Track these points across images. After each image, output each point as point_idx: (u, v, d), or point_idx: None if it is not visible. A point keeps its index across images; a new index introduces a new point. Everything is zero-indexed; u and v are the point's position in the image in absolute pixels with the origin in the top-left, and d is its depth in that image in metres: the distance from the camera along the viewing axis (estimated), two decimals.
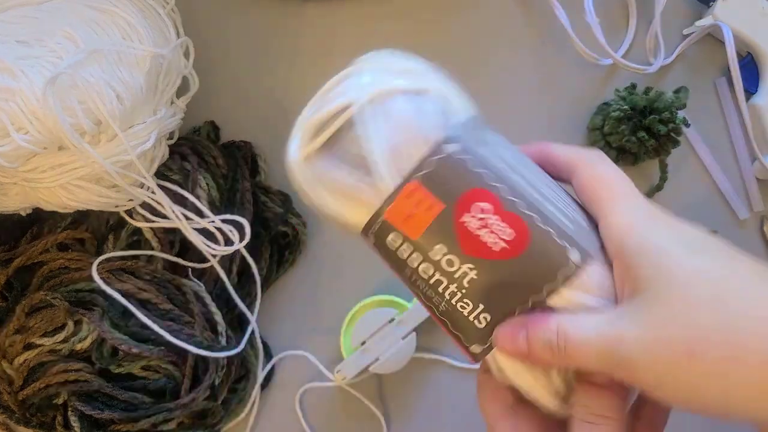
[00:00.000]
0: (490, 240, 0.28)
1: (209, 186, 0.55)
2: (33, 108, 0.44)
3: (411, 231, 0.29)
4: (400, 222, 0.29)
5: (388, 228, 0.30)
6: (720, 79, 0.61)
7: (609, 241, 0.29)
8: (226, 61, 0.61)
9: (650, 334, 0.26)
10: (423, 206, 0.29)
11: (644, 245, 0.27)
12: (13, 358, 0.52)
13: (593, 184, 0.30)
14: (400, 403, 0.59)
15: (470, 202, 0.29)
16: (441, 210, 0.29)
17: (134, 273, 0.54)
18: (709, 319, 0.25)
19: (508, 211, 0.28)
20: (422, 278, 0.30)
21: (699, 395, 0.26)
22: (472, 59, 0.61)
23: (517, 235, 0.28)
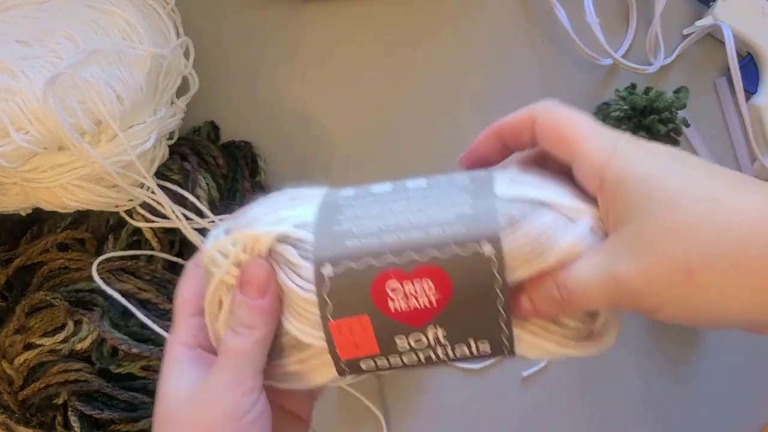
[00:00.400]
0: (423, 303, 0.29)
1: (209, 186, 0.55)
2: (33, 108, 0.44)
3: (370, 350, 0.30)
4: (356, 351, 0.30)
5: (354, 362, 0.30)
6: (720, 79, 0.61)
7: (587, 180, 0.28)
8: (226, 61, 0.61)
9: (645, 261, 0.26)
10: (357, 329, 0.29)
11: (622, 176, 0.27)
12: (13, 358, 0.52)
13: (556, 129, 0.29)
14: (400, 403, 0.59)
15: (382, 294, 0.29)
16: (369, 320, 0.29)
17: (134, 273, 0.54)
18: (701, 234, 0.25)
19: (410, 271, 0.28)
20: (413, 365, 0.31)
21: (703, 309, 0.26)
22: (472, 59, 0.61)
23: (435, 280, 0.28)
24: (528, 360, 0.31)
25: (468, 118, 0.61)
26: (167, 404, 0.30)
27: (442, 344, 0.29)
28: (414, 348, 0.30)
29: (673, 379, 0.60)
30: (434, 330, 0.29)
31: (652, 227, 0.26)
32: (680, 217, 0.26)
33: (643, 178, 0.27)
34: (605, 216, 0.28)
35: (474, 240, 0.28)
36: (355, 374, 0.32)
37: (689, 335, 0.60)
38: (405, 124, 0.61)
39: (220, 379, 0.30)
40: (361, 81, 0.61)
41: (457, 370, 0.59)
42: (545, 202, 0.29)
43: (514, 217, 0.28)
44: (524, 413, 0.60)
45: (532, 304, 0.28)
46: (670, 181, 0.27)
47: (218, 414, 0.29)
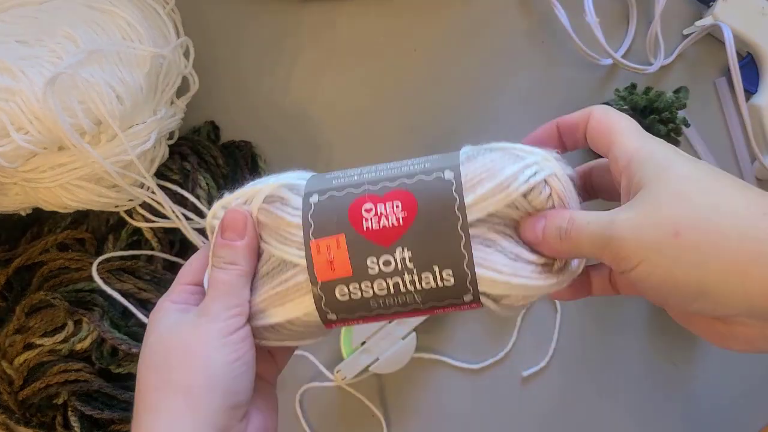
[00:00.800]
0: (392, 221, 0.33)
1: (209, 186, 0.55)
2: (33, 108, 0.44)
3: (343, 272, 0.33)
4: (330, 272, 0.33)
5: (329, 287, 0.33)
6: (720, 79, 0.61)
7: (619, 160, 0.33)
8: (226, 61, 0.61)
9: (641, 217, 0.30)
10: (333, 248, 0.33)
11: (648, 158, 0.31)
12: (13, 358, 0.52)
13: (607, 122, 0.34)
14: (400, 403, 0.59)
15: (357, 214, 0.33)
16: (345, 237, 0.33)
17: (134, 273, 0.54)
18: (696, 208, 0.29)
19: (384, 194, 0.33)
20: (386, 295, 0.33)
21: (678, 271, 0.29)
22: (472, 59, 0.61)
23: (403, 200, 0.33)
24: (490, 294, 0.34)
25: (468, 118, 0.61)
26: (158, 335, 0.34)
27: (408, 269, 0.33)
28: (383, 272, 0.33)
29: (673, 380, 0.60)
30: (401, 252, 0.33)
31: (659, 192, 0.30)
32: (682, 189, 0.30)
33: (662, 159, 0.31)
34: (626, 191, 0.32)
35: (438, 170, 0.33)
36: (333, 313, 0.34)
37: (690, 336, 0.60)
38: (405, 124, 0.61)
39: (212, 305, 0.34)
40: (360, 81, 0.61)
41: (457, 370, 0.59)
42: (498, 147, 0.34)
43: (470, 155, 0.34)
44: (524, 413, 0.60)
45: (543, 231, 0.32)
46: (684, 166, 0.31)
47: (212, 330, 0.33)
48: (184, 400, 0.32)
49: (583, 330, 0.60)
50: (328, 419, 0.59)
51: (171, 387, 0.33)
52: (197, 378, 0.32)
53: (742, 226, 0.28)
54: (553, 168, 0.33)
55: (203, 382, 0.32)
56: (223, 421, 0.32)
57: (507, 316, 0.35)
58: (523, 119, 0.61)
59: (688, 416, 0.60)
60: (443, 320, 0.59)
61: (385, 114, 0.61)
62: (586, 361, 0.60)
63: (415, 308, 0.34)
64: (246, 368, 0.34)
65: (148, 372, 0.34)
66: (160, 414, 0.32)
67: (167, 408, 0.32)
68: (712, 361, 0.60)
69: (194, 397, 0.32)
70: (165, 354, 0.33)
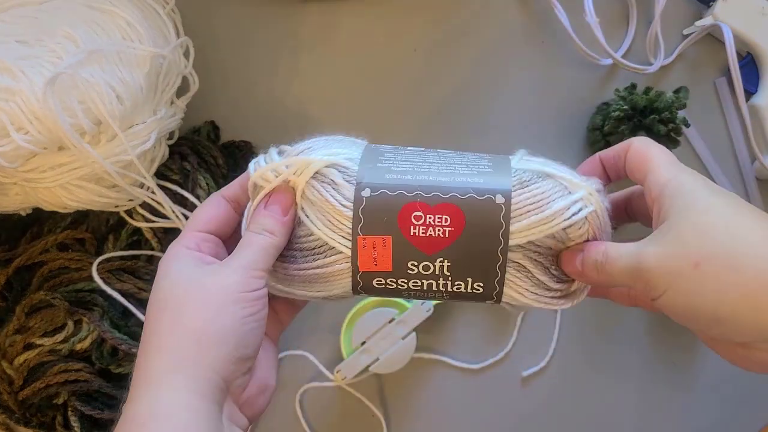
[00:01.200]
0: (438, 233, 0.34)
1: (209, 186, 0.55)
2: (33, 108, 0.44)
3: (385, 268, 0.35)
4: (373, 266, 0.35)
5: (368, 277, 0.36)
6: (720, 79, 0.61)
7: (652, 191, 0.35)
8: (226, 61, 0.61)
9: (666, 249, 0.32)
10: (379, 246, 0.35)
11: (678, 189, 0.34)
12: (13, 358, 0.52)
13: (643, 153, 0.36)
14: (400, 403, 0.59)
15: (406, 220, 0.35)
16: (391, 240, 0.35)
17: (134, 273, 0.54)
18: (715, 240, 0.31)
19: (434, 205, 0.35)
20: (417, 291, 0.36)
21: (697, 299, 0.31)
22: (472, 59, 0.61)
23: (453, 216, 0.34)
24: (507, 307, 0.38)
25: (468, 117, 0.61)
26: (175, 278, 0.34)
27: (444, 275, 0.35)
28: (421, 274, 0.35)
29: (673, 380, 0.60)
30: (442, 261, 0.35)
31: (682, 225, 0.32)
32: (703, 222, 0.32)
33: (689, 192, 0.33)
34: (656, 220, 0.34)
35: (490, 192, 0.35)
36: (364, 292, 0.36)
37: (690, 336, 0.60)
38: (405, 124, 0.61)
39: (239, 261, 0.35)
40: (360, 81, 0.61)
41: (457, 370, 0.59)
42: (549, 173, 0.36)
43: (523, 180, 0.35)
44: (524, 413, 0.60)
45: (582, 263, 0.35)
46: (707, 200, 0.33)
47: (232, 284, 0.34)
48: (195, 345, 0.32)
49: (583, 330, 0.60)
50: (328, 419, 0.59)
51: (182, 330, 0.33)
52: (211, 326, 0.33)
53: (758, 258, 0.30)
54: (595, 205, 0.35)
55: (216, 330, 0.33)
56: (228, 371, 0.33)
57: None
58: (523, 119, 0.61)
59: (688, 416, 0.60)
60: (443, 320, 0.59)
61: (385, 114, 0.61)
62: (586, 361, 0.60)
63: (439, 299, 0.37)
64: (258, 324, 0.34)
65: (161, 313, 0.34)
66: (166, 355, 0.32)
67: (175, 349, 0.32)
68: (712, 361, 0.60)
69: (204, 343, 0.32)
70: (181, 297, 0.34)
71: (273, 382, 0.39)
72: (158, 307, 0.34)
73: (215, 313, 0.33)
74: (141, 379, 0.32)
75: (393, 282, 0.36)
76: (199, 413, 0.31)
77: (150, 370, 0.32)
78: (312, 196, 0.35)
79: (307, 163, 0.36)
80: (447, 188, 0.35)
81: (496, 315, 0.60)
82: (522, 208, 0.35)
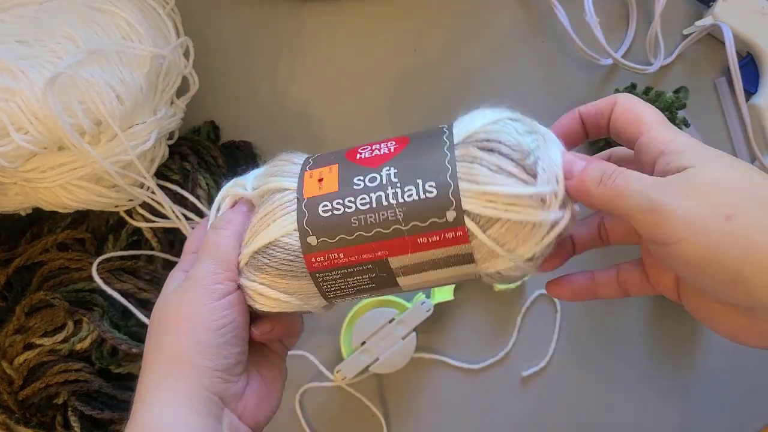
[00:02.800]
0: (384, 150, 0.35)
1: (209, 186, 0.55)
2: (33, 108, 0.44)
3: (330, 189, 0.34)
4: (317, 189, 0.34)
5: (313, 204, 0.34)
6: (720, 79, 0.61)
7: (650, 150, 0.33)
8: (226, 61, 0.61)
9: (692, 195, 0.30)
10: (325, 173, 0.35)
11: (687, 147, 0.32)
12: (13, 358, 0.52)
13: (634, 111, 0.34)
14: (400, 403, 0.59)
15: (353, 152, 0.35)
16: (337, 166, 0.35)
17: (134, 273, 0.54)
18: (746, 198, 0.29)
19: (381, 140, 0.36)
20: (368, 210, 0.33)
21: (722, 253, 0.29)
22: (472, 59, 0.61)
23: (398, 140, 0.35)
24: None
25: None
26: (160, 301, 0.35)
27: (392, 182, 0.33)
28: (368, 186, 0.33)
29: (672, 381, 0.60)
30: (388, 170, 0.34)
31: (706, 176, 0.30)
32: (731, 178, 0.30)
33: (703, 148, 0.32)
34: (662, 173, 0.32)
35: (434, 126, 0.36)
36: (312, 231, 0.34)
37: (690, 336, 0.60)
38: (405, 124, 0.61)
39: (199, 268, 0.35)
40: (360, 81, 0.61)
41: (457, 370, 0.59)
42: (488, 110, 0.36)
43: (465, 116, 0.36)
44: (524, 413, 0.60)
45: (583, 170, 0.33)
46: (726, 157, 0.31)
47: (200, 295, 0.34)
48: (174, 363, 0.33)
49: (583, 330, 0.60)
50: (328, 419, 0.59)
51: (162, 349, 0.34)
52: (185, 341, 0.33)
53: None
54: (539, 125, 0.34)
55: (190, 346, 0.33)
56: (213, 383, 0.33)
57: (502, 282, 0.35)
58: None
59: (688, 416, 0.60)
60: (443, 320, 0.59)
61: (385, 114, 0.61)
62: (586, 361, 0.60)
63: (397, 230, 0.33)
64: (234, 333, 0.34)
65: (148, 335, 0.35)
66: (154, 375, 0.34)
67: (159, 370, 0.33)
68: (712, 361, 0.60)
69: (182, 359, 0.33)
70: (160, 318, 0.35)
71: (276, 393, 0.38)
72: (149, 330, 0.35)
73: (187, 330, 0.33)
74: (138, 397, 0.34)
75: (339, 204, 0.33)
76: (197, 427, 0.32)
77: (143, 387, 0.34)
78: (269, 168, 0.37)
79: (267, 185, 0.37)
80: None
81: (496, 315, 0.60)
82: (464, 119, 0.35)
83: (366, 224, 0.33)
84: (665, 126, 0.33)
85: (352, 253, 0.34)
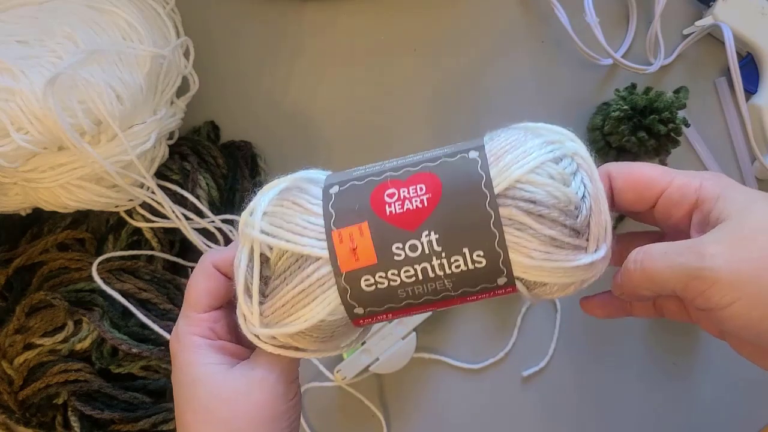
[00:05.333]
0: (416, 204, 0.31)
1: (209, 186, 0.55)
2: (33, 108, 0.44)
3: (368, 260, 0.31)
4: (354, 261, 0.31)
5: (354, 278, 0.31)
6: (720, 79, 0.61)
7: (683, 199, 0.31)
8: (226, 61, 0.61)
9: (735, 250, 0.27)
10: (356, 237, 0.31)
11: (724, 190, 0.29)
12: (13, 358, 0.52)
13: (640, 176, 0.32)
14: (400, 403, 0.59)
15: (380, 201, 0.32)
16: (368, 225, 0.31)
17: (134, 273, 0.54)
18: None
19: (406, 179, 0.32)
20: (414, 283, 0.32)
21: None
22: (472, 59, 0.61)
23: (427, 183, 0.31)
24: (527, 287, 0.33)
25: (468, 117, 0.61)
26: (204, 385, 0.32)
27: (436, 252, 0.31)
28: (410, 258, 0.31)
29: (673, 379, 0.60)
30: (428, 235, 0.31)
31: (748, 225, 0.27)
32: None
33: (739, 192, 0.29)
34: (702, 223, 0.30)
35: (462, 151, 0.32)
36: (357, 303, 0.32)
37: (690, 335, 0.60)
38: (405, 124, 0.61)
39: (266, 375, 0.33)
40: (361, 81, 0.61)
41: (457, 370, 0.59)
42: (519, 126, 0.34)
43: (494, 137, 0.34)
44: (524, 413, 0.60)
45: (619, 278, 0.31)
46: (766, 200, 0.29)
47: (262, 402, 0.32)
48: None
49: (584, 330, 0.60)
50: (328, 419, 0.59)
51: None
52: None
53: None
54: (579, 147, 0.32)
55: None
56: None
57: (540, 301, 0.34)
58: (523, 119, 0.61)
59: (688, 416, 0.60)
60: (443, 320, 0.59)
61: (385, 114, 0.61)
62: (586, 361, 0.60)
63: (447, 296, 0.32)
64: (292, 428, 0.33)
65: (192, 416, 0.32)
66: None
67: None
68: (712, 361, 0.60)
69: None
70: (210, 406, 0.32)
71: None
72: (189, 408, 0.33)
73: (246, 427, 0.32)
74: None
75: (383, 278, 0.31)
76: None
77: None
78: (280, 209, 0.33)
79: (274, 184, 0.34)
80: (416, 162, 0.32)
81: (496, 315, 0.60)
82: (498, 151, 0.32)
83: (414, 294, 0.32)
84: (678, 172, 0.31)
85: (401, 313, 0.33)
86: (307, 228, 0.32)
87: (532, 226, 0.31)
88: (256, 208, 0.34)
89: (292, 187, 0.34)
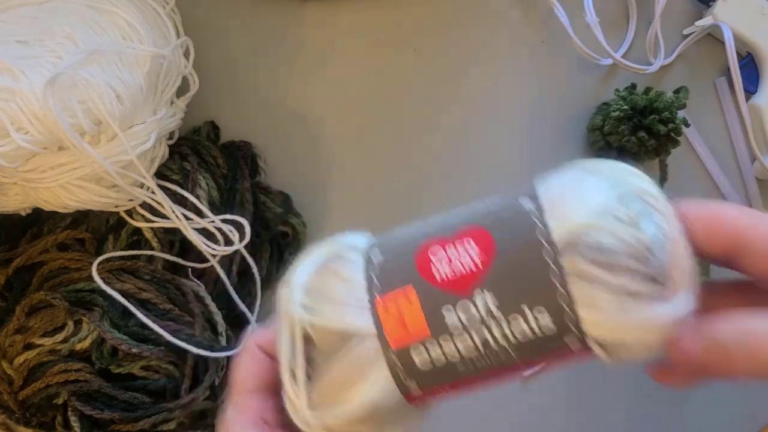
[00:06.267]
0: (468, 263, 0.28)
1: (209, 186, 0.55)
2: (33, 108, 0.44)
3: (419, 332, 0.28)
4: (405, 335, 0.28)
5: (405, 354, 0.28)
6: (720, 79, 0.61)
7: None
8: (226, 61, 0.61)
9: None
10: (403, 305, 0.28)
11: None
12: (13, 358, 0.52)
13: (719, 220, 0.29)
14: None
15: (425, 261, 0.28)
16: (415, 291, 0.28)
17: (134, 273, 0.54)
18: None
19: (452, 235, 0.29)
20: (474, 354, 0.28)
21: None
22: (472, 59, 0.61)
23: (476, 238, 0.28)
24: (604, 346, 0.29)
25: (468, 117, 0.61)
26: None
27: (494, 316, 0.27)
28: (465, 325, 0.27)
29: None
30: (483, 297, 0.27)
31: None
32: None
33: None
34: None
35: (513, 199, 0.28)
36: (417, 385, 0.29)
37: None
38: (405, 125, 0.61)
39: None
40: (361, 81, 0.61)
41: None
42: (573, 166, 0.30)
43: (545, 177, 0.29)
44: (524, 413, 0.60)
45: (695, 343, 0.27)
46: None
47: None
48: None
49: None
50: None
51: None
52: None
53: None
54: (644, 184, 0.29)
55: None
56: None
57: None
58: (522, 119, 0.61)
59: (688, 416, 0.60)
60: None
61: (385, 114, 0.61)
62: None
63: (513, 364, 0.29)
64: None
65: None
66: None
67: None
68: None
69: None
70: None
71: None
72: None
73: None
74: None
75: (438, 353, 0.28)
76: None
77: None
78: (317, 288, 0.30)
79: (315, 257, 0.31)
80: (463, 217, 0.29)
81: None
82: (554, 196, 0.28)
83: (473, 366, 0.29)
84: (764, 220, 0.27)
85: (459, 386, 0.30)
86: (350, 300, 0.29)
87: (600, 276, 0.27)
88: (294, 282, 0.30)
89: (331, 255, 0.31)
